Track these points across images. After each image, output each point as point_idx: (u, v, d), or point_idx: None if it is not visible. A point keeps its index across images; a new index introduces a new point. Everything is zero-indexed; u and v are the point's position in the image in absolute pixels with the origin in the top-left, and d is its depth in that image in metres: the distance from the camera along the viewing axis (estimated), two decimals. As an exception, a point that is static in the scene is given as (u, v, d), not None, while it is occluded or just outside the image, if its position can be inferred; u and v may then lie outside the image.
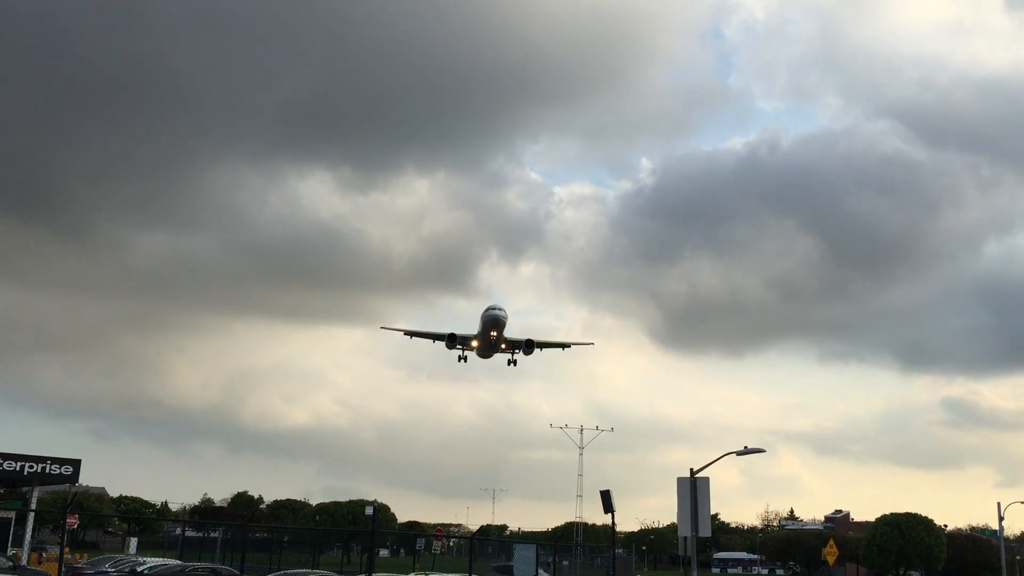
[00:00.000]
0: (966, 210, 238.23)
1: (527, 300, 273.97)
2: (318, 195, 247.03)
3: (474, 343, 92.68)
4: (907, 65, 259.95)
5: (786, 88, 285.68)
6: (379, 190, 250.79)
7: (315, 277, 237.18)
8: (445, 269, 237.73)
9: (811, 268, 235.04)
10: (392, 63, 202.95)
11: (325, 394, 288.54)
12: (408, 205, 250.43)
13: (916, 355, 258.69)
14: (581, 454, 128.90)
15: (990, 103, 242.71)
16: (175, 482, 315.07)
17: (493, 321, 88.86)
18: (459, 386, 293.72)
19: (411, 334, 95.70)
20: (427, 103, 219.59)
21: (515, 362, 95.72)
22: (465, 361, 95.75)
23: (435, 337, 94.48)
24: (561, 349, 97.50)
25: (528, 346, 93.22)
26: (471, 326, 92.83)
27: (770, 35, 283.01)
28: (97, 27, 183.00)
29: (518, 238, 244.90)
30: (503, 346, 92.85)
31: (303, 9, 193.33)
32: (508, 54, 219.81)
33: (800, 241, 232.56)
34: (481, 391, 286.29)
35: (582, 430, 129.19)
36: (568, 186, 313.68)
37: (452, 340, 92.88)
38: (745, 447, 30.58)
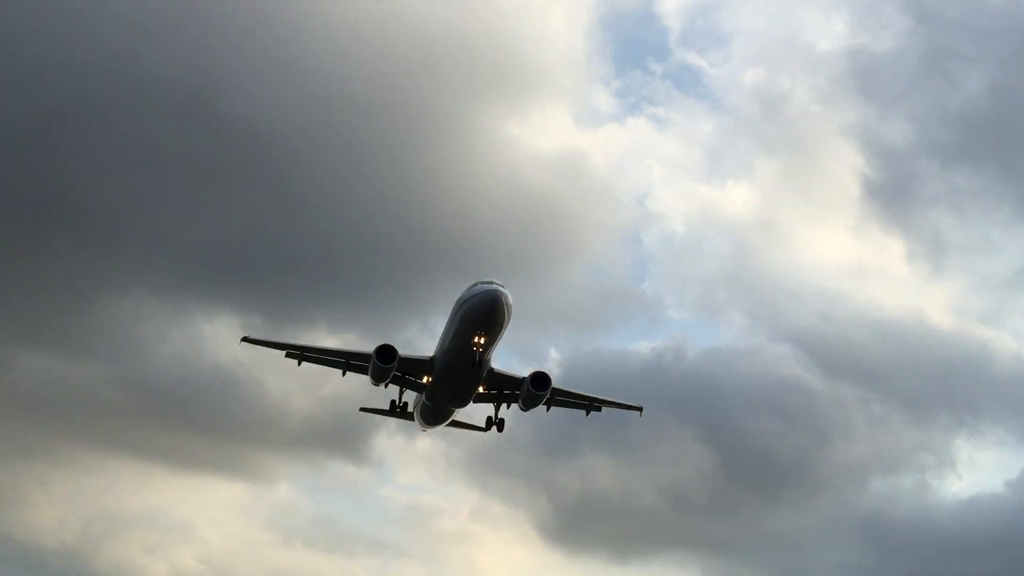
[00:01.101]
0: (855, 444, 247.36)
1: (417, 475, 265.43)
2: (222, 338, 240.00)
3: (425, 378, 51.84)
4: (810, 296, 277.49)
5: (696, 301, 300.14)
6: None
7: (203, 423, 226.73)
8: (340, 433, 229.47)
9: (704, 481, 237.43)
10: (319, 220, 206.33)
11: (190, 550, 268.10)
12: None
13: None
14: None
15: (884, 343, 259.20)
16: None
17: (489, 307, 45.52)
18: (333, 558, 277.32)
19: (301, 354, 58.28)
20: (348, 264, 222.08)
21: (501, 423, 57.12)
22: (402, 411, 57.42)
23: (348, 359, 53.76)
24: (585, 413, 60.57)
25: (538, 385, 52.72)
26: (359, 491, 57.68)
27: (687, 249, 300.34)
28: (9, 140, 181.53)
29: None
30: (482, 388, 52.66)
31: (238, 154, 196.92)
32: (436, 227, 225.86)
33: (696, 452, 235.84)
34: (356, 567, 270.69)
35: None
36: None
37: (386, 359, 49.38)
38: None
